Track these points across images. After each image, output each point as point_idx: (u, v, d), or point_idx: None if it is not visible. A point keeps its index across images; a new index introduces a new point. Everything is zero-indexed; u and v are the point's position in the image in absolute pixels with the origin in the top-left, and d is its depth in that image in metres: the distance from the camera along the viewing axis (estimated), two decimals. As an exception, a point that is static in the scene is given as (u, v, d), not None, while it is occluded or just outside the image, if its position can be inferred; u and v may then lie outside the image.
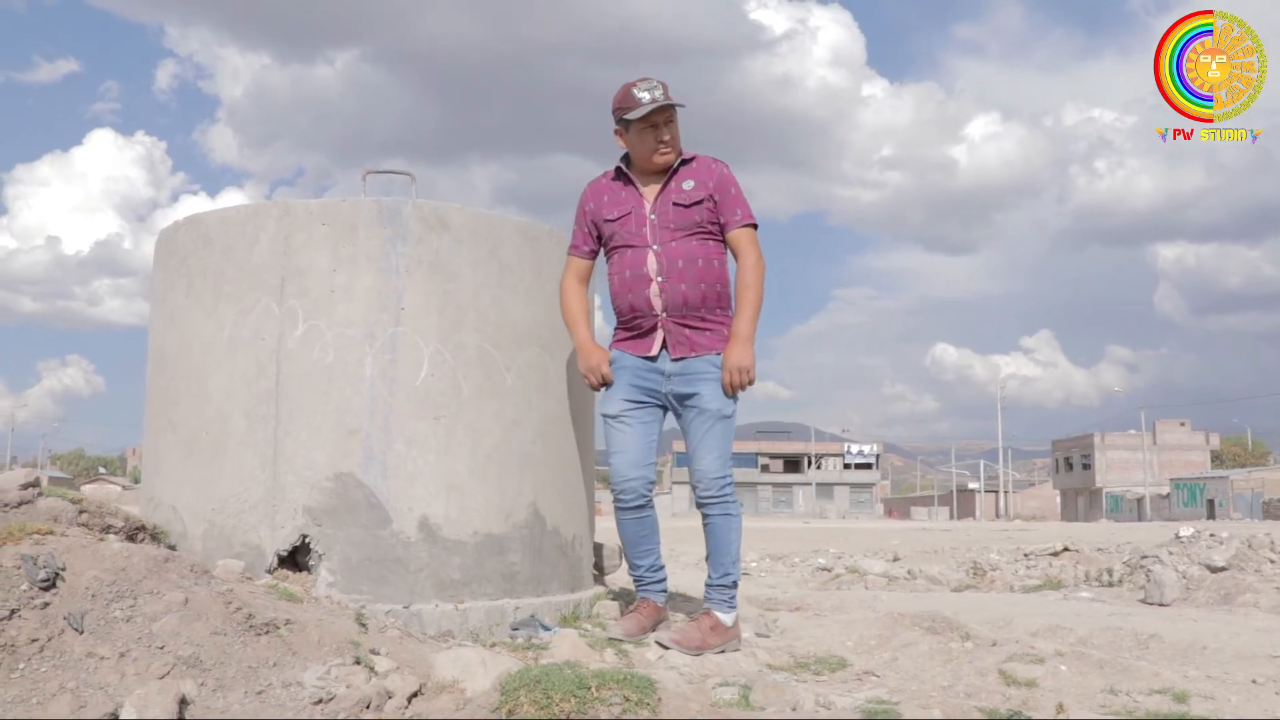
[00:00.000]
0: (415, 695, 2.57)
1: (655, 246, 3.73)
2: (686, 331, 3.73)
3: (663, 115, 3.74)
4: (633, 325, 3.78)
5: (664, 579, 3.91)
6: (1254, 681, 3.33)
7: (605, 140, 3.92)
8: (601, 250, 3.92)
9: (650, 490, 3.81)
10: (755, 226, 3.83)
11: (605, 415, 3.82)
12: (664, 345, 3.74)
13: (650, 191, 3.81)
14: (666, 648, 3.53)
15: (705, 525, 3.79)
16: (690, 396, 3.73)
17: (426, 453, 3.70)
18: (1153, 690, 3.16)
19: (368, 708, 2.47)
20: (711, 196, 3.78)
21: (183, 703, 2.34)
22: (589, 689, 2.31)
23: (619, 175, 3.87)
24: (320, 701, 2.47)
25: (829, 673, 3.50)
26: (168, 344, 3.98)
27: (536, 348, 3.97)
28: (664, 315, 3.72)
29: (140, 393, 4.24)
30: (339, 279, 3.71)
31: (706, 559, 3.83)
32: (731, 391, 3.72)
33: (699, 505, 3.79)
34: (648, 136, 3.74)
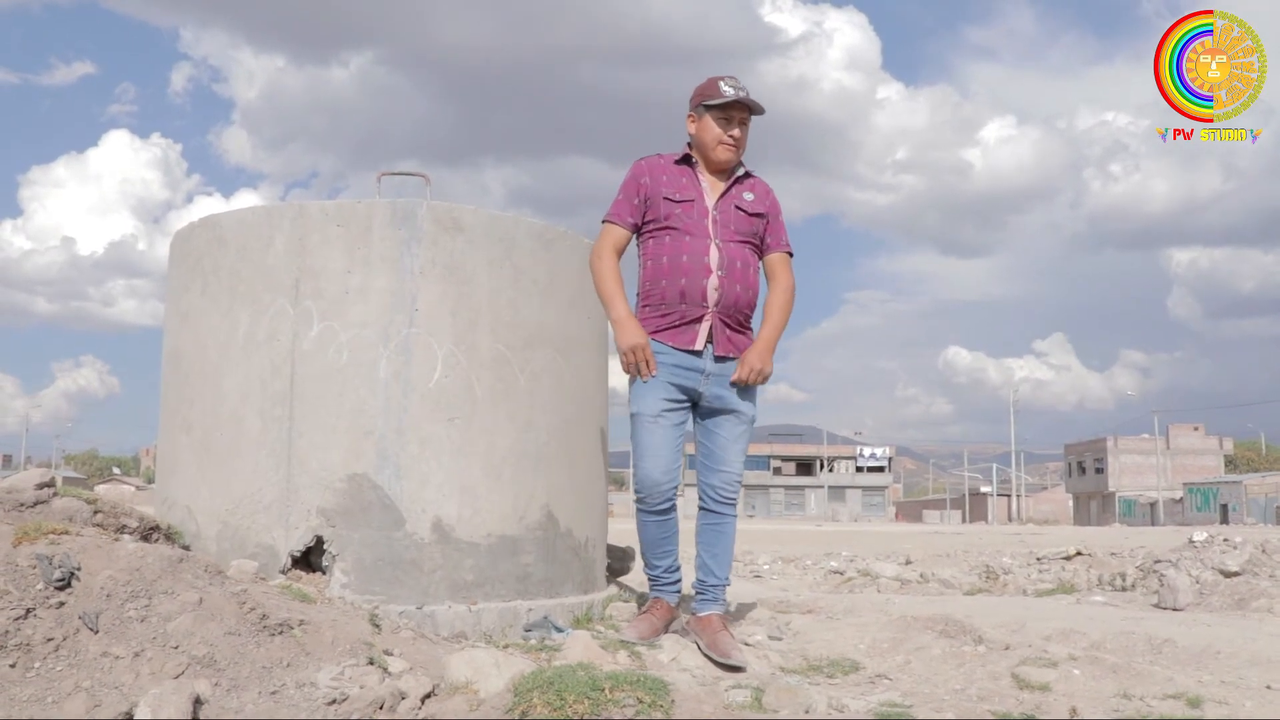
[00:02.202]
0: (429, 696, 2.58)
1: (717, 240, 3.73)
2: (729, 331, 3.73)
3: (739, 113, 3.79)
4: (674, 312, 3.70)
5: (680, 580, 3.90)
6: (1268, 687, 3.31)
7: (620, 144, 3.93)
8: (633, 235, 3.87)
9: (675, 495, 3.78)
10: (791, 255, 3.94)
11: (641, 413, 3.69)
12: (708, 340, 3.71)
13: (712, 187, 3.82)
14: (718, 661, 3.49)
15: (714, 526, 3.78)
16: (727, 400, 3.74)
17: (440, 454, 3.71)
18: (1166, 695, 3.14)
19: (381, 708, 2.48)
20: (766, 215, 3.87)
21: (197, 702, 2.34)
22: (602, 690, 2.31)
23: (683, 160, 3.85)
24: (334, 702, 2.47)
25: (842, 675, 3.49)
26: (182, 345, 4.00)
27: (550, 350, 3.97)
28: (715, 309, 3.69)
29: (155, 393, 4.26)
30: (353, 280, 3.72)
31: (706, 559, 3.79)
32: (741, 383, 3.74)
33: (715, 505, 3.77)
34: (718, 127, 3.76)
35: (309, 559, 3.68)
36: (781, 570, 10.91)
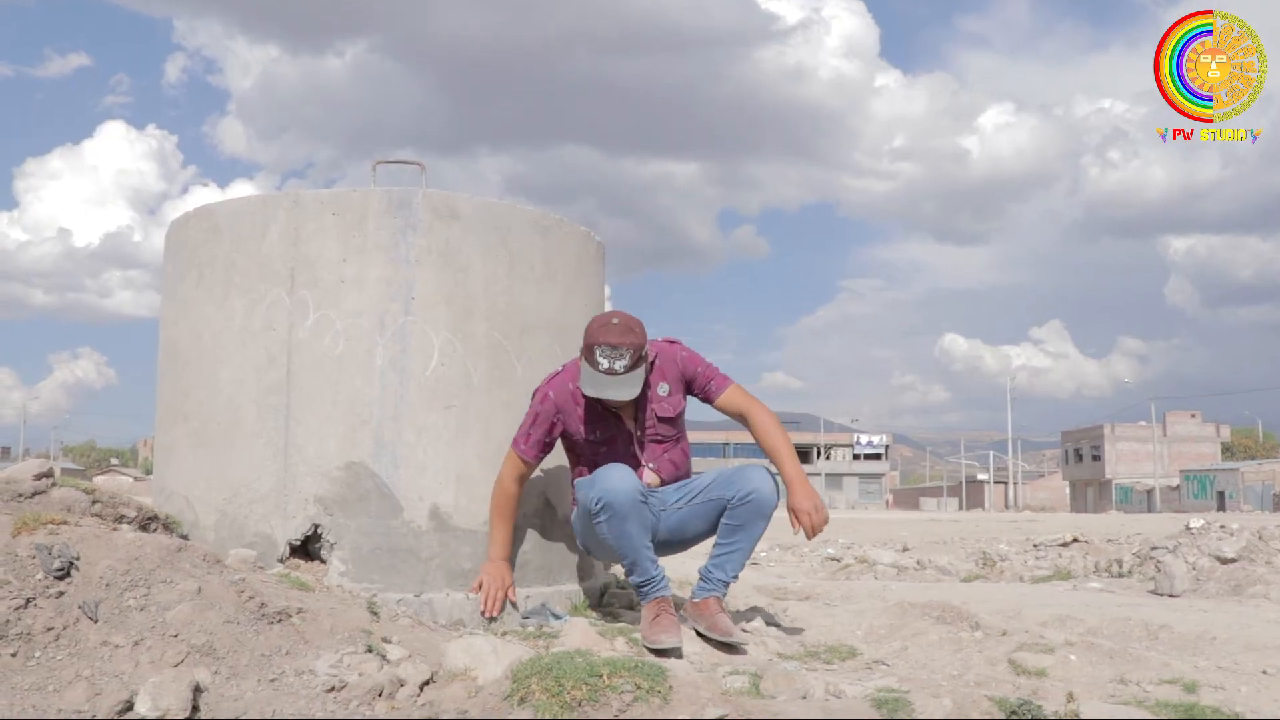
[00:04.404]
0: (427, 683, 2.59)
1: (651, 465, 3.73)
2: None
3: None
4: None
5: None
6: (1264, 672, 3.33)
7: (616, 133, 3.78)
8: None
9: (646, 492, 3.57)
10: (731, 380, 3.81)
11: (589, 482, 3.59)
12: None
13: (626, 406, 3.67)
14: (717, 641, 3.49)
15: (740, 527, 3.65)
16: (699, 488, 3.74)
17: (437, 442, 3.71)
18: (1163, 680, 3.16)
19: (380, 695, 2.48)
20: (682, 391, 3.78)
21: (197, 690, 2.35)
22: (600, 677, 2.32)
23: None
24: (333, 689, 2.48)
25: (839, 661, 3.51)
26: (179, 335, 3.99)
27: (546, 337, 3.97)
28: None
29: (152, 385, 4.26)
30: (349, 269, 3.72)
31: (720, 554, 3.68)
32: (813, 534, 3.56)
33: (768, 511, 3.64)
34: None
35: (307, 548, 3.68)
36: (779, 558, 10.93)
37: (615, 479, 3.44)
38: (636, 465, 3.70)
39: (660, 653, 3.31)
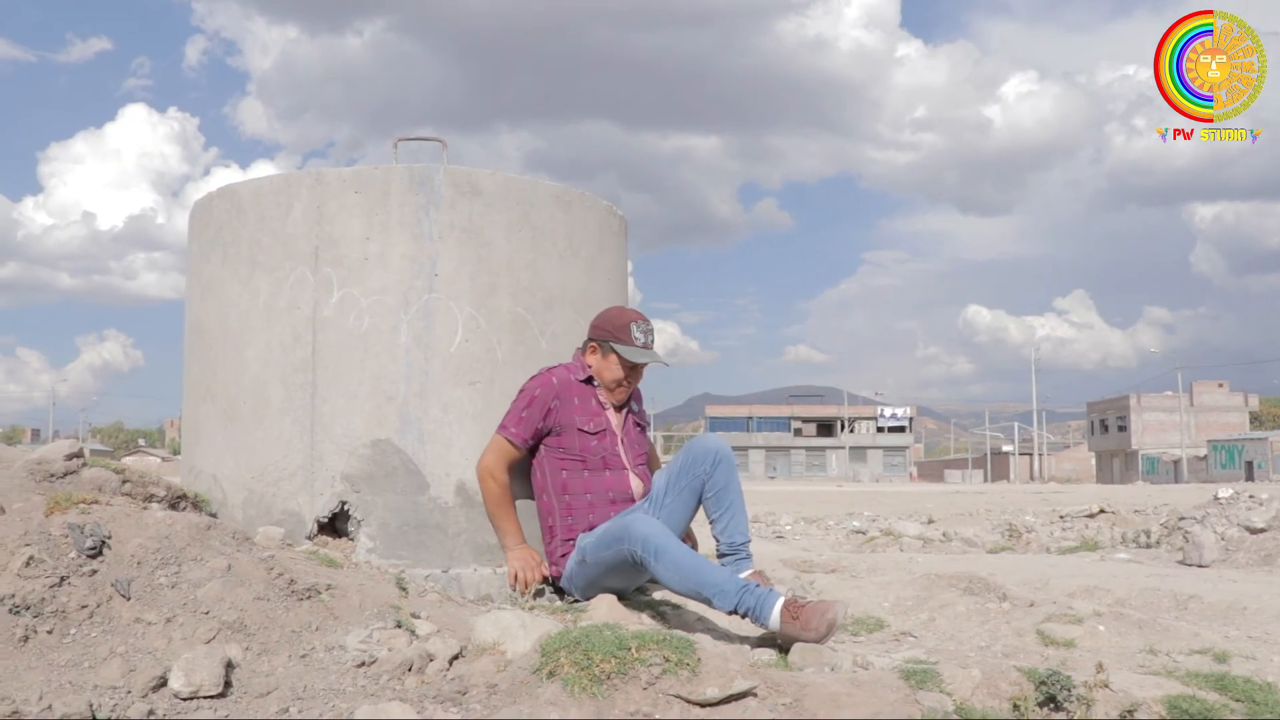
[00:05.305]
0: (456, 657, 2.60)
1: (634, 470, 3.77)
2: None
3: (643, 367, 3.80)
4: None
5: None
6: (1296, 641, 3.30)
7: (636, 107, 3.76)
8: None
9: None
10: None
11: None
12: None
13: (613, 409, 3.83)
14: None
15: (721, 489, 3.61)
16: (663, 489, 3.73)
17: (463, 418, 3.72)
18: (1193, 650, 3.14)
19: (410, 670, 2.50)
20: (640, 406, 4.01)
21: (229, 666, 2.37)
22: (629, 649, 2.32)
23: (586, 380, 3.77)
24: (363, 664, 2.50)
25: (867, 634, 3.51)
26: (204, 315, 4.01)
27: (570, 312, 3.97)
28: None
29: (178, 366, 4.29)
30: (372, 246, 3.72)
31: (726, 521, 3.60)
32: None
33: (734, 459, 3.68)
34: (621, 370, 3.73)
35: (335, 525, 3.71)
36: (804, 530, 10.94)
37: (639, 524, 3.35)
38: (621, 466, 3.74)
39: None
